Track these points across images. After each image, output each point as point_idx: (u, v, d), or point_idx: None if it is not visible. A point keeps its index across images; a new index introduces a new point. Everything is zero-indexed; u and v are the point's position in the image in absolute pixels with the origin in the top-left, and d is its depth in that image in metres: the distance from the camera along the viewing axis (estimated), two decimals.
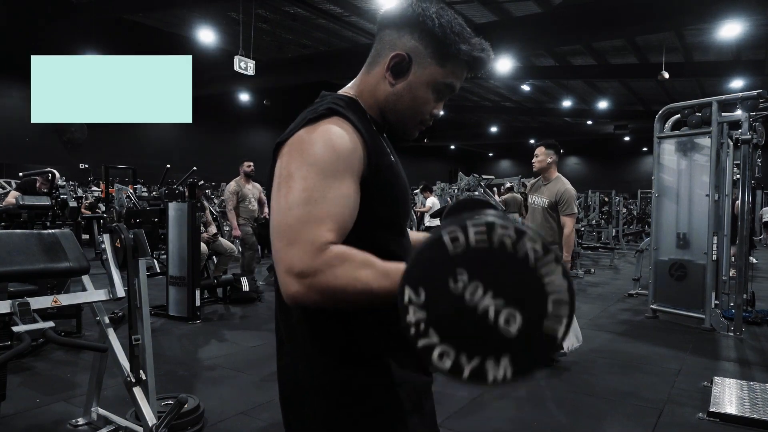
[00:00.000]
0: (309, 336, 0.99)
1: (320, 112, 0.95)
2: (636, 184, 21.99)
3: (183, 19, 14.95)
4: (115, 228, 2.62)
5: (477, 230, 0.70)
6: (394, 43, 1.01)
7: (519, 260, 0.69)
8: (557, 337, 0.68)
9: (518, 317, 0.68)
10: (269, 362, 3.98)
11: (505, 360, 0.68)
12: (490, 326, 0.68)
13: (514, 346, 0.68)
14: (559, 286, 0.68)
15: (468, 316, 0.69)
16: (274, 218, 0.87)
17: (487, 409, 3.22)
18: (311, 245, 0.81)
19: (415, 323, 0.70)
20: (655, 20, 10.20)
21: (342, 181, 0.88)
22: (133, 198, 8.52)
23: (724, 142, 5.27)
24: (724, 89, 15.48)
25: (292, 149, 0.91)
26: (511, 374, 0.68)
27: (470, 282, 0.69)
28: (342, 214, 0.87)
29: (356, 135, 0.94)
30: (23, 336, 2.06)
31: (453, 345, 0.69)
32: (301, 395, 1.00)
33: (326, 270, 0.79)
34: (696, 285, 5.24)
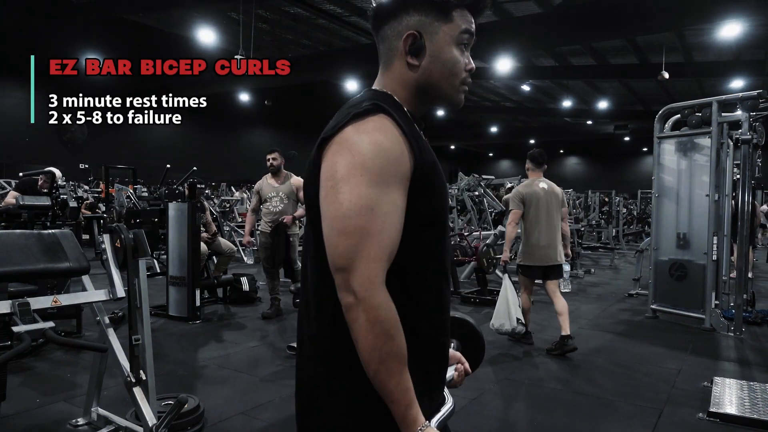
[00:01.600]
0: (331, 337, 0.98)
1: (365, 107, 0.95)
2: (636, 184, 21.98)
3: (183, 19, 14.95)
4: (115, 228, 2.62)
5: None
6: (398, 30, 1.03)
7: None
8: None
9: None
10: (269, 362, 3.99)
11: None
12: None
13: None
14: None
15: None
16: (331, 223, 0.90)
17: (487, 409, 3.22)
18: (370, 276, 0.87)
19: None
20: (655, 20, 10.20)
21: (394, 190, 0.91)
22: (133, 198, 8.52)
23: (724, 142, 5.27)
24: (724, 89, 15.47)
25: (341, 148, 0.92)
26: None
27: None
28: (393, 238, 0.91)
29: (402, 136, 0.94)
30: (23, 336, 2.05)
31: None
32: (317, 398, 0.99)
33: (372, 312, 0.87)
34: (696, 285, 5.24)
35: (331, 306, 0.97)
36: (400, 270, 0.93)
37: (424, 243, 0.97)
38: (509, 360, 4.16)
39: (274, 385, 3.52)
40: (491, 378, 3.71)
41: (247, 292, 5.99)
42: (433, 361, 1.03)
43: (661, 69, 13.74)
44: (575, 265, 8.90)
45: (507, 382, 3.69)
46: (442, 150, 33.30)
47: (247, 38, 12.35)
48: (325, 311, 0.98)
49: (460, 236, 7.34)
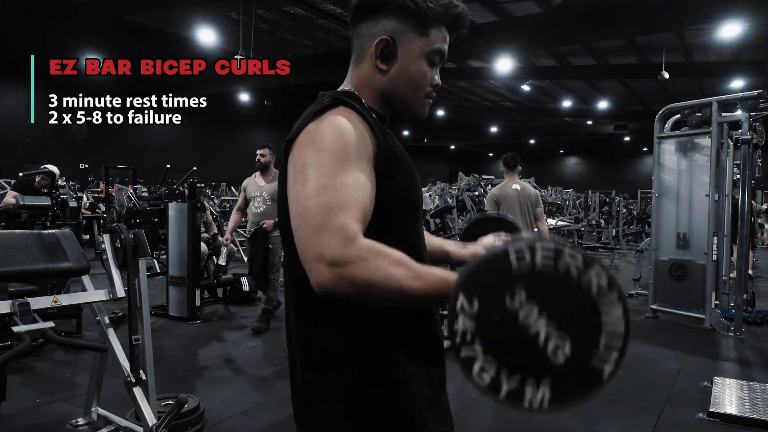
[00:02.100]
0: (321, 340, 0.97)
1: (325, 104, 0.95)
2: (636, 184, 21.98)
3: (183, 19, 14.95)
4: (115, 228, 2.62)
5: (545, 253, 0.69)
6: (373, 31, 1.02)
7: (581, 291, 0.68)
8: (603, 376, 0.67)
9: (568, 347, 0.67)
10: (269, 362, 3.99)
11: (545, 386, 0.67)
12: (538, 350, 0.67)
13: (557, 374, 0.67)
14: (615, 324, 0.67)
15: (517, 335, 0.68)
16: (295, 207, 0.87)
17: (487, 409, 3.22)
18: (342, 234, 0.80)
19: (462, 332, 0.69)
20: (655, 20, 10.20)
21: (357, 166, 0.88)
22: (133, 198, 8.52)
23: (724, 142, 5.27)
24: (724, 89, 15.47)
25: (302, 142, 0.92)
26: (548, 401, 0.67)
27: (527, 302, 0.68)
28: (363, 200, 0.86)
29: (363, 123, 0.94)
30: (23, 336, 2.05)
31: (496, 360, 0.68)
32: (315, 400, 0.99)
33: (359, 262, 0.78)
34: (696, 285, 5.24)
35: (312, 311, 0.97)
36: None
37: (391, 237, 0.91)
38: None
39: (274, 385, 3.52)
40: None
41: (247, 292, 5.99)
42: (427, 347, 1.03)
43: (661, 69, 13.74)
44: None
45: None
46: (442, 150, 33.31)
47: (247, 38, 12.35)
48: (308, 317, 0.98)
49: (460, 236, 7.33)
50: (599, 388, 0.67)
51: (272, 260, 4.79)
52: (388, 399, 0.95)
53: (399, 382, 0.96)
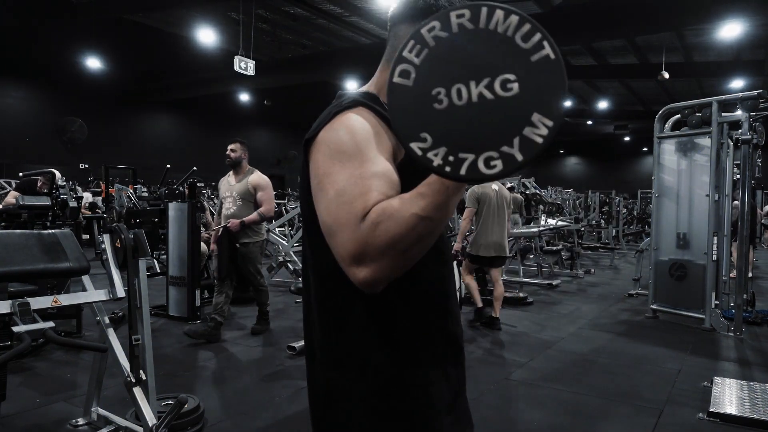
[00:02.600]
0: (343, 340, 0.97)
1: (344, 105, 0.95)
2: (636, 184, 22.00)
3: (183, 19, 14.95)
4: (115, 228, 2.62)
5: (411, 49, 0.69)
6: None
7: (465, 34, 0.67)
8: (551, 57, 0.65)
9: (510, 75, 0.65)
10: (269, 362, 3.99)
11: (535, 116, 0.64)
12: (496, 102, 0.66)
13: (529, 96, 0.65)
14: (513, 23, 0.66)
15: (474, 114, 0.66)
16: (322, 219, 0.87)
17: (487, 409, 3.22)
18: (354, 221, 0.78)
19: (443, 162, 0.68)
20: (655, 20, 10.21)
21: (374, 157, 0.87)
22: (133, 198, 8.52)
23: (724, 142, 5.27)
24: (724, 89, 15.48)
25: (320, 146, 0.91)
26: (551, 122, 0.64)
27: (449, 90, 0.67)
28: (385, 182, 0.83)
29: (380, 122, 0.93)
30: (23, 336, 2.06)
31: (488, 145, 0.66)
32: (335, 400, 0.99)
33: (373, 233, 0.76)
34: (696, 285, 5.24)
35: (334, 311, 0.97)
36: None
37: None
38: (509, 360, 4.16)
39: (274, 385, 3.52)
40: (491, 378, 3.71)
41: (247, 292, 5.98)
42: (445, 346, 1.03)
43: (661, 69, 13.75)
44: (575, 266, 8.91)
45: (507, 382, 3.69)
46: None
47: (247, 38, 12.34)
48: (330, 317, 0.98)
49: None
50: (560, 66, 0.65)
51: (253, 269, 4.57)
52: (407, 401, 0.95)
53: (419, 385, 0.96)
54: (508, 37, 0.66)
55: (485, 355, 4.27)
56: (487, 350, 4.41)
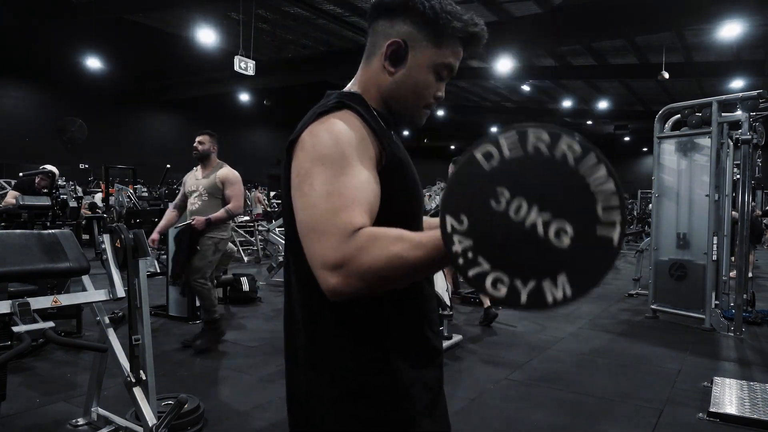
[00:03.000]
0: (318, 344, 0.98)
1: (329, 106, 0.95)
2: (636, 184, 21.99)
3: (183, 19, 14.94)
4: (115, 228, 2.62)
5: (510, 141, 0.66)
6: (388, 32, 1.01)
7: (558, 164, 0.64)
8: (614, 244, 0.62)
9: (569, 228, 0.63)
10: (269, 362, 3.98)
11: (562, 277, 0.63)
12: (541, 242, 0.63)
13: (569, 260, 0.63)
14: (604, 185, 0.63)
15: (516, 236, 0.65)
16: (300, 218, 0.87)
17: (487, 409, 3.22)
18: (341, 233, 0.79)
19: (462, 253, 0.67)
20: (655, 20, 10.20)
21: (358, 168, 0.87)
22: (133, 198, 8.53)
23: (724, 142, 5.27)
24: (724, 89, 15.48)
25: (304, 146, 0.91)
26: (571, 291, 0.63)
27: (513, 198, 0.65)
28: (367, 198, 0.85)
29: (365, 126, 0.93)
30: (23, 336, 2.05)
31: (506, 270, 0.65)
32: (311, 404, 0.99)
33: (360, 254, 0.76)
34: (696, 285, 5.24)
35: (315, 314, 0.97)
36: None
37: None
38: (509, 360, 4.16)
39: (274, 385, 3.52)
40: (491, 378, 3.71)
41: (247, 292, 5.99)
42: (421, 349, 1.03)
43: (661, 69, 13.74)
44: None
45: (507, 382, 3.69)
46: (442, 150, 33.30)
47: (247, 38, 12.34)
48: (311, 320, 0.98)
49: None
50: (615, 254, 0.63)
51: (198, 264, 4.11)
52: (385, 403, 0.95)
53: (397, 387, 0.96)
54: (591, 193, 0.64)
55: (485, 355, 4.27)
56: (487, 350, 4.41)
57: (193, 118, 20.51)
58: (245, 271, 6.67)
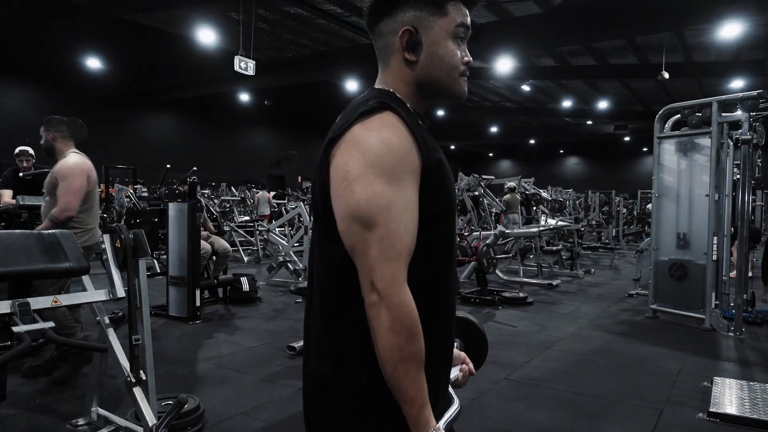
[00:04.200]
0: (339, 336, 0.98)
1: (371, 105, 0.95)
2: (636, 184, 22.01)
3: (183, 19, 14.95)
4: (115, 228, 2.62)
5: None
6: (394, 27, 1.02)
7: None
8: None
9: None
10: (269, 362, 3.99)
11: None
12: None
13: None
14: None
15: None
16: (348, 222, 0.90)
17: (487, 409, 3.22)
18: (393, 275, 0.88)
19: None
20: (655, 20, 10.21)
21: (407, 186, 0.91)
22: (133, 198, 8.52)
23: (724, 142, 5.27)
24: (724, 89, 15.48)
25: (350, 147, 0.91)
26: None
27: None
28: (412, 235, 0.91)
29: (410, 133, 0.94)
30: (23, 336, 2.05)
31: None
32: (326, 396, 0.99)
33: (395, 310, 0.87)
34: (696, 285, 5.24)
35: (337, 306, 0.98)
36: (413, 268, 0.92)
37: (434, 240, 0.97)
38: (509, 360, 4.17)
39: (274, 385, 3.52)
40: (491, 378, 3.71)
41: (247, 292, 5.99)
42: (441, 360, 1.03)
43: (661, 69, 13.74)
44: (575, 266, 8.91)
45: (507, 382, 3.69)
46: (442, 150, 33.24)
47: (247, 38, 12.34)
48: (332, 311, 0.99)
49: (460, 236, 7.35)
50: None
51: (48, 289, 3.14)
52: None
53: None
54: None
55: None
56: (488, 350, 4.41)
57: (193, 118, 20.51)
58: (245, 271, 6.67)
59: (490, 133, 28.74)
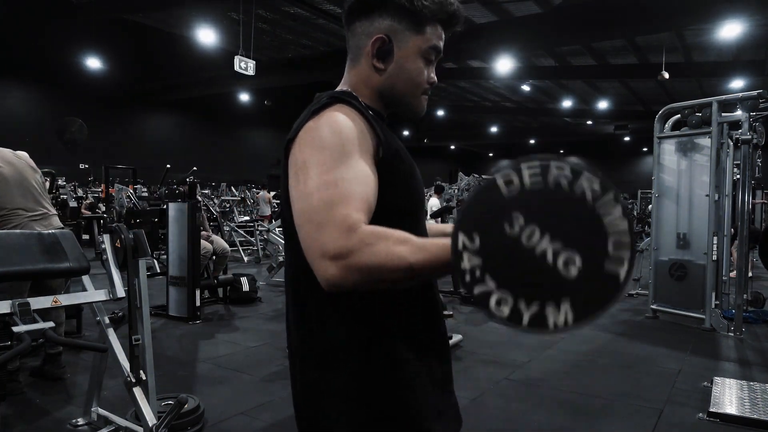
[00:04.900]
0: (323, 338, 0.97)
1: (323, 102, 0.95)
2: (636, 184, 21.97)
3: (183, 19, 14.94)
4: (115, 228, 2.62)
5: (532, 171, 0.68)
6: (369, 30, 1.02)
7: (576, 200, 0.66)
8: (619, 280, 0.65)
9: (578, 259, 0.65)
10: (269, 362, 3.99)
11: (565, 304, 0.66)
12: (549, 270, 0.66)
13: (575, 289, 0.65)
14: (618, 226, 0.65)
15: (525, 261, 0.67)
16: (297, 206, 0.87)
17: (487, 409, 3.22)
18: (343, 225, 0.79)
19: (470, 270, 0.68)
20: (655, 20, 10.21)
21: (356, 160, 0.87)
22: (133, 198, 8.53)
23: (724, 142, 5.27)
24: (724, 89, 15.48)
25: (301, 141, 0.91)
26: (573, 319, 0.66)
27: (527, 225, 0.67)
28: (365, 192, 0.85)
29: (362, 119, 0.94)
30: (23, 336, 2.06)
31: (511, 291, 0.67)
32: (316, 399, 0.98)
33: (363, 248, 0.77)
34: (696, 285, 5.24)
35: (315, 308, 0.97)
36: None
37: None
38: (509, 360, 4.17)
39: (274, 385, 3.52)
40: (491, 378, 3.71)
41: (247, 292, 5.99)
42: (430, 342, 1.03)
43: (661, 69, 13.74)
44: None
45: (507, 382, 3.69)
46: (442, 150, 33.31)
47: (247, 38, 12.34)
48: (310, 314, 0.98)
49: None
50: (618, 293, 0.66)
51: None
52: (392, 397, 0.95)
53: (402, 380, 0.96)
54: (605, 228, 0.66)
55: (485, 355, 4.26)
56: (487, 350, 4.41)
57: (193, 118, 20.51)
58: (245, 271, 6.67)
59: (490, 133, 28.74)
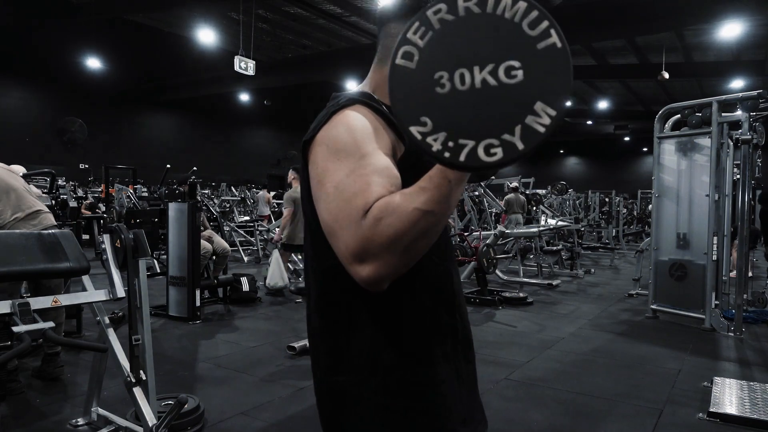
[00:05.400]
0: (346, 343, 0.96)
1: (342, 103, 0.95)
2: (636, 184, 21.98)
3: (183, 19, 14.95)
4: (115, 228, 2.62)
5: (435, 11, 0.67)
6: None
7: (482, 17, 0.65)
8: (557, 45, 0.64)
9: (514, 62, 0.64)
10: (269, 362, 3.99)
11: (538, 105, 0.63)
12: (501, 89, 0.64)
13: (535, 85, 0.64)
14: (522, 11, 0.64)
15: (477, 101, 0.65)
16: (324, 218, 0.86)
17: (487, 409, 3.21)
18: (357, 217, 0.77)
19: (443, 148, 0.66)
20: (655, 20, 10.21)
21: (375, 156, 0.86)
22: (133, 198, 8.53)
23: (724, 142, 5.27)
24: (724, 89, 15.48)
25: (319, 145, 0.91)
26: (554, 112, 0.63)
27: (452, 75, 0.66)
28: (383, 175, 0.82)
29: (378, 117, 0.93)
30: (23, 336, 2.06)
31: (490, 134, 0.65)
32: (343, 406, 0.98)
33: (376, 228, 0.75)
34: (696, 285, 5.24)
35: (338, 312, 0.96)
36: None
37: None
38: (509, 360, 4.17)
39: (274, 385, 3.52)
40: (491, 378, 3.71)
41: (247, 292, 5.99)
42: (455, 343, 1.02)
43: (661, 69, 13.75)
44: (575, 266, 8.91)
45: (507, 382, 3.69)
46: None
47: (247, 38, 12.35)
48: (334, 318, 0.98)
49: (460, 236, 7.34)
50: (565, 55, 0.64)
51: None
52: (419, 400, 0.95)
53: (430, 383, 0.96)
54: (515, 24, 0.65)
55: (485, 355, 4.26)
56: (487, 350, 4.41)
57: (193, 118, 20.51)
58: (245, 271, 6.67)
59: None
